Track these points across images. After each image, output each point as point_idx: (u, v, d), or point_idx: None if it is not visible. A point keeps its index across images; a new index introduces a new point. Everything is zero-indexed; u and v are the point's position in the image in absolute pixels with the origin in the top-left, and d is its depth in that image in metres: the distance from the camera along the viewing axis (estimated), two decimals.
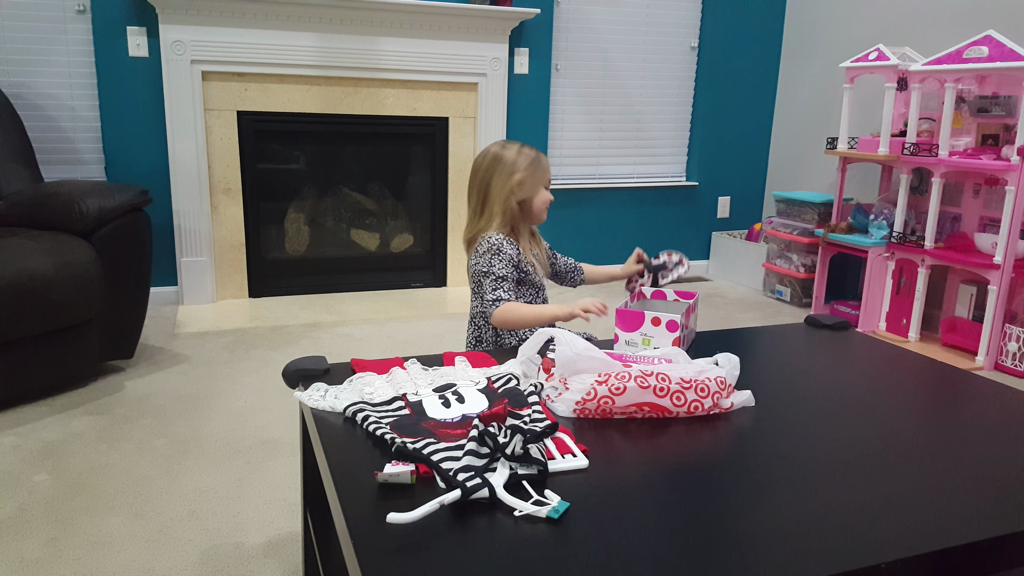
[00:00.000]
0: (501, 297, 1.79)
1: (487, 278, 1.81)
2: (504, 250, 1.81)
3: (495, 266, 1.81)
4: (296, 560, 1.62)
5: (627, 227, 4.32)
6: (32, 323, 2.28)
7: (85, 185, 2.62)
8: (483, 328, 1.89)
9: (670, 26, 4.20)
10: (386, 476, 0.96)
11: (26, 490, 1.87)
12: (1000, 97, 3.04)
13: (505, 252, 1.81)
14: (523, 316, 1.79)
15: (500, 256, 1.81)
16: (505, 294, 1.80)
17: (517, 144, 1.91)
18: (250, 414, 2.35)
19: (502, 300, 1.78)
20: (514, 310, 1.78)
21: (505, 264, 1.81)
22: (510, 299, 1.80)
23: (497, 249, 1.81)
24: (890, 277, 3.35)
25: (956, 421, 1.30)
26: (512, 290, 1.82)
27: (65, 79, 3.22)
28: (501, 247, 1.82)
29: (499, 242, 1.82)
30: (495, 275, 1.80)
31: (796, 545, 0.88)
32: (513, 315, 1.78)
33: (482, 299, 1.81)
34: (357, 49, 3.48)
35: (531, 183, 1.88)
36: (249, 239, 3.57)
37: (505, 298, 1.79)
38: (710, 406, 1.22)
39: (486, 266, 1.82)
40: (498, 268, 1.80)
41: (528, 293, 1.91)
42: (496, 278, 1.80)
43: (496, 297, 1.79)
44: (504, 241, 1.83)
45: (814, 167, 4.20)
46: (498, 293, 1.79)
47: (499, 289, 1.79)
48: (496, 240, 1.83)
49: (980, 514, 0.96)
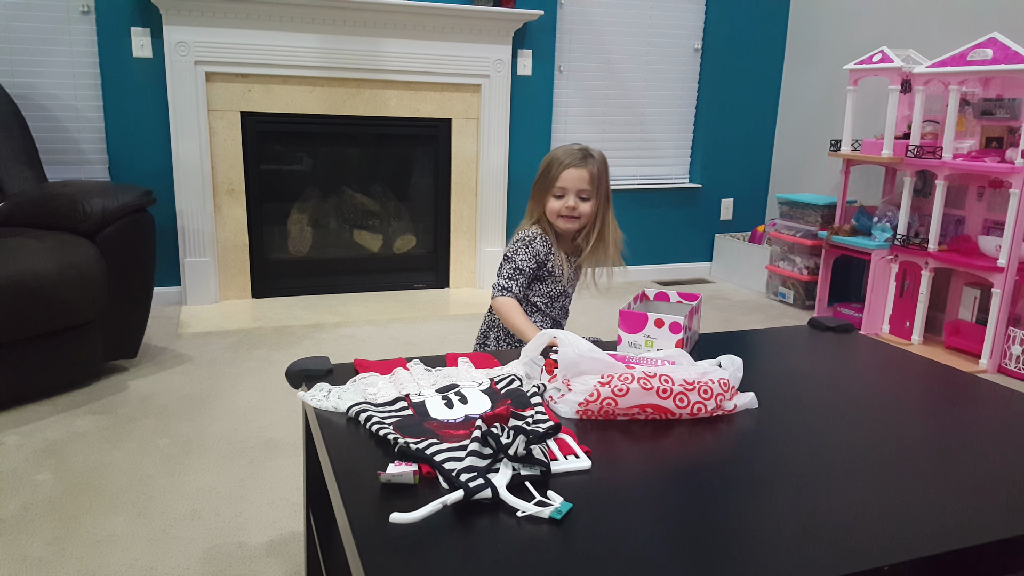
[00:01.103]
0: (511, 288, 1.84)
1: (507, 264, 1.86)
2: (534, 245, 1.85)
3: (519, 256, 1.85)
4: (299, 560, 1.62)
5: (630, 229, 4.26)
6: (36, 323, 2.28)
7: (89, 185, 2.62)
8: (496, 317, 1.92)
9: (673, 28, 4.20)
10: (389, 476, 0.96)
11: (29, 489, 1.87)
12: (1004, 99, 3.04)
13: (534, 247, 1.85)
14: (512, 320, 1.82)
15: (528, 249, 1.85)
16: (516, 287, 1.85)
17: (564, 147, 1.89)
18: (253, 414, 2.35)
19: (509, 291, 1.84)
20: (510, 310, 1.82)
21: (529, 258, 1.85)
22: (516, 295, 1.85)
23: (528, 242, 1.86)
24: (893, 280, 3.34)
25: (960, 424, 1.30)
26: (524, 285, 1.86)
27: (69, 79, 3.23)
28: (532, 241, 1.86)
29: (532, 236, 1.87)
30: (515, 264, 1.85)
31: (799, 548, 0.88)
32: (506, 313, 1.83)
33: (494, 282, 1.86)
34: (360, 50, 3.48)
35: (537, 192, 1.89)
36: (252, 240, 3.58)
37: (514, 291, 1.84)
38: (713, 408, 1.22)
39: (511, 253, 1.87)
40: (520, 259, 1.85)
41: (544, 293, 1.92)
42: (514, 268, 1.85)
43: (506, 286, 1.84)
44: (538, 237, 1.87)
45: (818, 169, 4.20)
46: (510, 284, 1.84)
47: (512, 280, 1.84)
48: (530, 234, 1.87)
49: (984, 517, 0.95)
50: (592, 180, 1.84)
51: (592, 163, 1.85)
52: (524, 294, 1.89)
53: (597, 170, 1.85)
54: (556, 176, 1.84)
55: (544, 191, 1.86)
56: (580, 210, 1.85)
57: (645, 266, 4.39)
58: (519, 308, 1.84)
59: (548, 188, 1.85)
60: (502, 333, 1.91)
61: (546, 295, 1.91)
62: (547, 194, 1.86)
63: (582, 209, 1.85)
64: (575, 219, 1.86)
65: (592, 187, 1.84)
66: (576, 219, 1.86)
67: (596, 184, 1.85)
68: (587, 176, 1.84)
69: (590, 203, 1.86)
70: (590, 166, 1.84)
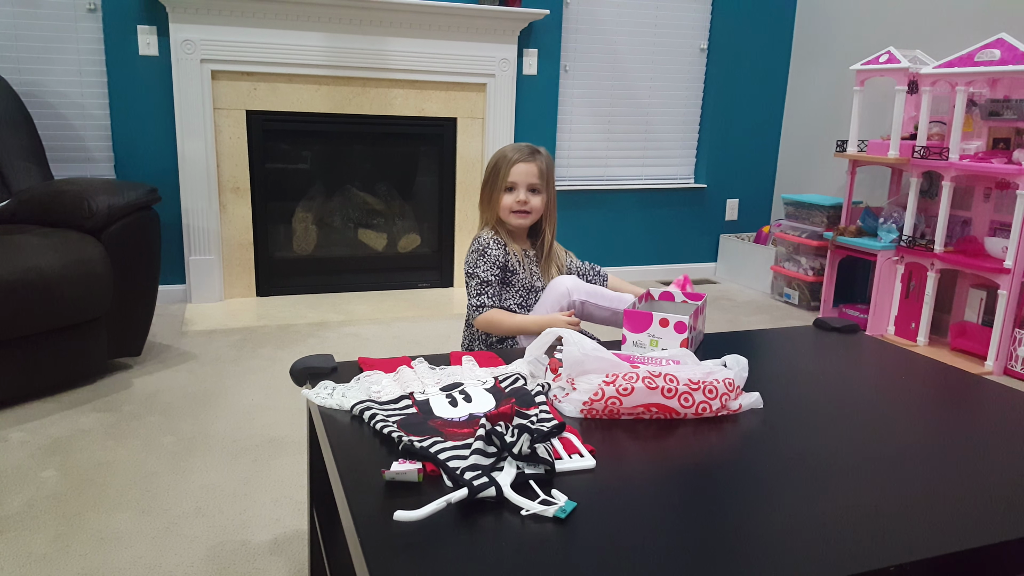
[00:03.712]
0: (484, 304, 1.83)
1: (472, 280, 1.86)
2: (489, 252, 1.85)
3: (479, 268, 1.85)
4: (302, 557, 1.62)
5: (635, 229, 4.32)
6: (41, 320, 2.29)
7: (95, 183, 2.63)
8: (470, 327, 1.92)
9: (679, 27, 4.19)
10: (393, 474, 0.96)
11: (34, 486, 1.88)
12: (1012, 100, 3.03)
13: (490, 254, 1.85)
14: (506, 326, 1.83)
15: (485, 258, 1.85)
16: (489, 300, 1.84)
17: (510, 145, 1.93)
18: (257, 412, 2.35)
19: (485, 307, 1.83)
20: (497, 318, 1.83)
21: (489, 267, 1.84)
22: (493, 305, 1.84)
23: (482, 251, 1.86)
24: (899, 281, 3.33)
25: (966, 425, 1.29)
26: (497, 294, 1.85)
27: (76, 77, 3.24)
28: (487, 249, 1.86)
29: (485, 243, 1.87)
30: (479, 279, 1.85)
31: (804, 548, 0.87)
32: (496, 323, 1.83)
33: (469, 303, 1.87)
34: (366, 49, 3.48)
35: (487, 192, 1.91)
36: (257, 238, 3.58)
37: (489, 304, 1.83)
38: (718, 408, 1.22)
39: (471, 268, 1.87)
40: (482, 271, 1.84)
41: (515, 296, 1.92)
42: (480, 282, 1.85)
43: (480, 303, 1.84)
44: (491, 241, 1.87)
45: (823, 170, 4.19)
46: (482, 299, 1.84)
47: (483, 295, 1.84)
48: (483, 241, 1.87)
49: (990, 518, 0.95)
50: (541, 175, 1.89)
51: (540, 158, 1.90)
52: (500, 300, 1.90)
53: (546, 165, 1.90)
54: (507, 172, 1.88)
55: (494, 189, 1.89)
56: (531, 204, 1.88)
57: (650, 266, 4.39)
58: (503, 312, 1.85)
59: (499, 185, 1.88)
60: (484, 347, 1.90)
61: (514, 297, 1.92)
62: (498, 192, 1.89)
63: (533, 203, 1.89)
64: (527, 214, 1.89)
65: (541, 181, 1.89)
66: (527, 214, 1.90)
67: (545, 179, 1.90)
68: (536, 171, 1.88)
69: (540, 197, 1.90)
70: (539, 161, 1.89)
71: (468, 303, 1.87)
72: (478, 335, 1.92)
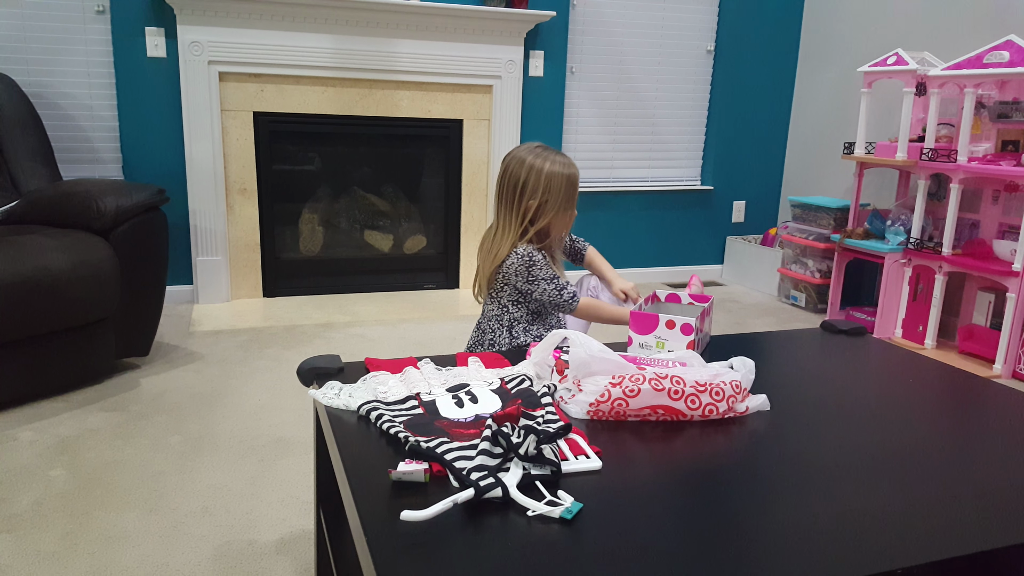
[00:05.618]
0: (575, 294, 1.86)
1: (552, 281, 1.84)
2: (535, 257, 1.84)
3: (541, 272, 1.83)
4: (309, 557, 1.63)
5: (641, 231, 4.31)
6: (49, 320, 2.30)
7: (103, 184, 2.64)
8: (490, 332, 1.90)
9: (686, 29, 4.19)
10: (400, 474, 0.96)
11: (42, 484, 1.89)
12: (1021, 102, 3.01)
13: (537, 258, 1.84)
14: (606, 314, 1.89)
15: (537, 264, 1.84)
16: (572, 288, 1.88)
17: (551, 153, 1.86)
18: (264, 412, 2.36)
19: (576, 297, 1.86)
20: (595, 305, 1.89)
21: (547, 267, 1.85)
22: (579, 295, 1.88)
23: (530, 257, 1.83)
24: (907, 283, 3.32)
25: (973, 428, 1.29)
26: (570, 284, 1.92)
27: (84, 79, 3.25)
28: (532, 254, 1.84)
29: (536, 254, 1.84)
30: (547, 279, 1.84)
31: (810, 550, 0.87)
32: (595, 310, 1.89)
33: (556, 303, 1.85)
34: (372, 51, 3.49)
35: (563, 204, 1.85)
36: (264, 239, 3.60)
37: (577, 294, 1.87)
38: (725, 410, 1.22)
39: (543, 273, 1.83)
40: (545, 272, 1.84)
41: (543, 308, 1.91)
42: (551, 280, 1.84)
43: (571, 295, 1.85)
44: (534, 252, 1.85)
45: (831, 172, 4.18)
46: (569, 290, 1.86)
47: (564, 289, 1.85)
48: (535, 253, 1.84)
49: (997, 521, 0.95)
50: None
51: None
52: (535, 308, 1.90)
53: None
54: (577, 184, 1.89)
55: (569, 207, 1.87)
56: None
57: (656, 268, 4.38)
58: (600, 302, 1.93)
59: (573, 201, 1.88)
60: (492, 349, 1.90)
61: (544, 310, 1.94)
62: (570, 210, 1.88)
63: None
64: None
65: None
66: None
67: None
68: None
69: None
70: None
71: (560, 299, 1.83)
72: (486, 338, 1.91)
